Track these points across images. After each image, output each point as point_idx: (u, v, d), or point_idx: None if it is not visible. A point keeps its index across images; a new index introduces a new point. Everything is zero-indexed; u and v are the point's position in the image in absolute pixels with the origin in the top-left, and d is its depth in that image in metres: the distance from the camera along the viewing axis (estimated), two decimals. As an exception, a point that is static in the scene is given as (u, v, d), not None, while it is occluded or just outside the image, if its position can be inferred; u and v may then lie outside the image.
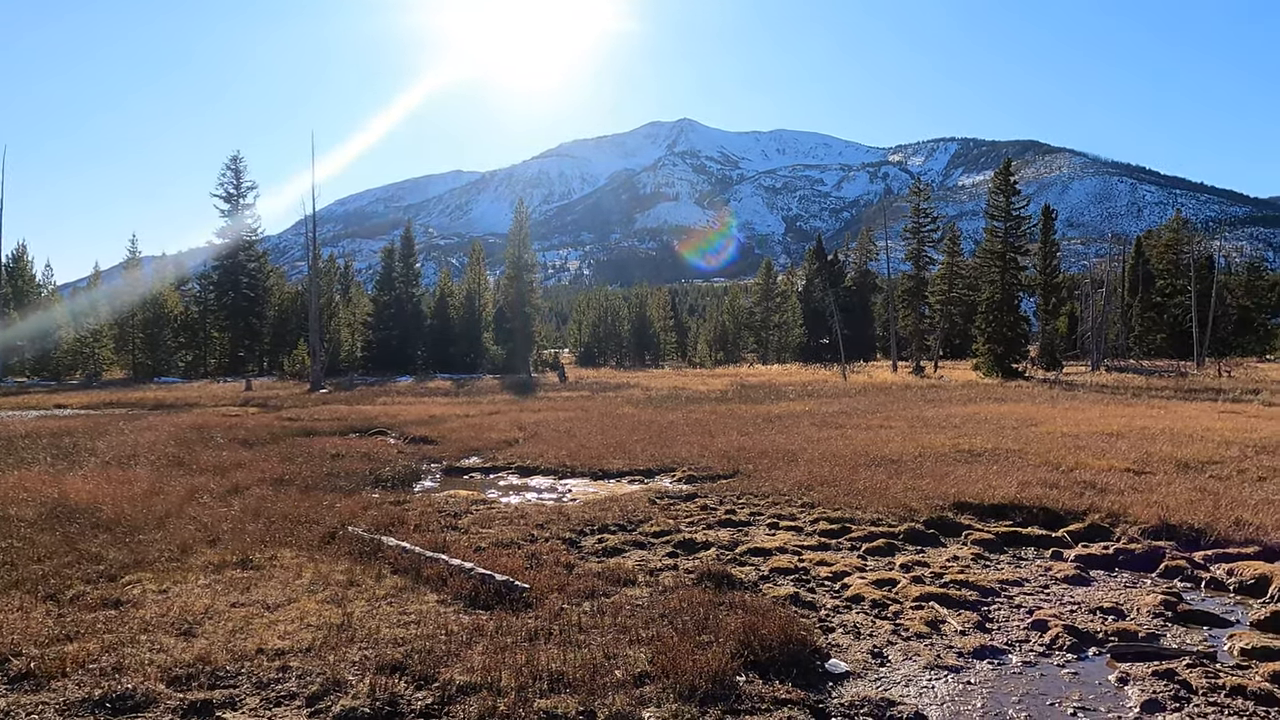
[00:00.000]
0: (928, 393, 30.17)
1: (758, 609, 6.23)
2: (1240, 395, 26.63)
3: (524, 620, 6.17)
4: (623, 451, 15.50)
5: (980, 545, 8.89)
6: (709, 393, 32.59)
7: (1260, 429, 16.60)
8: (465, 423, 21.20)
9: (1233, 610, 6.92)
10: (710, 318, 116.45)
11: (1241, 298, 69.58)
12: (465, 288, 65.74)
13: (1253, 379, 37.75)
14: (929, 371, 48.97)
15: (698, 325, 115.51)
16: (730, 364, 75.43)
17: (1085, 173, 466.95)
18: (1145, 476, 11.45)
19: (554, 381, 47.36)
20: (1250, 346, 68.66)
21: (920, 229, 54.49)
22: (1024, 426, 17.72)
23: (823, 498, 10.71)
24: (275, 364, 61.23)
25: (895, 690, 5.24)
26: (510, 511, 10.40)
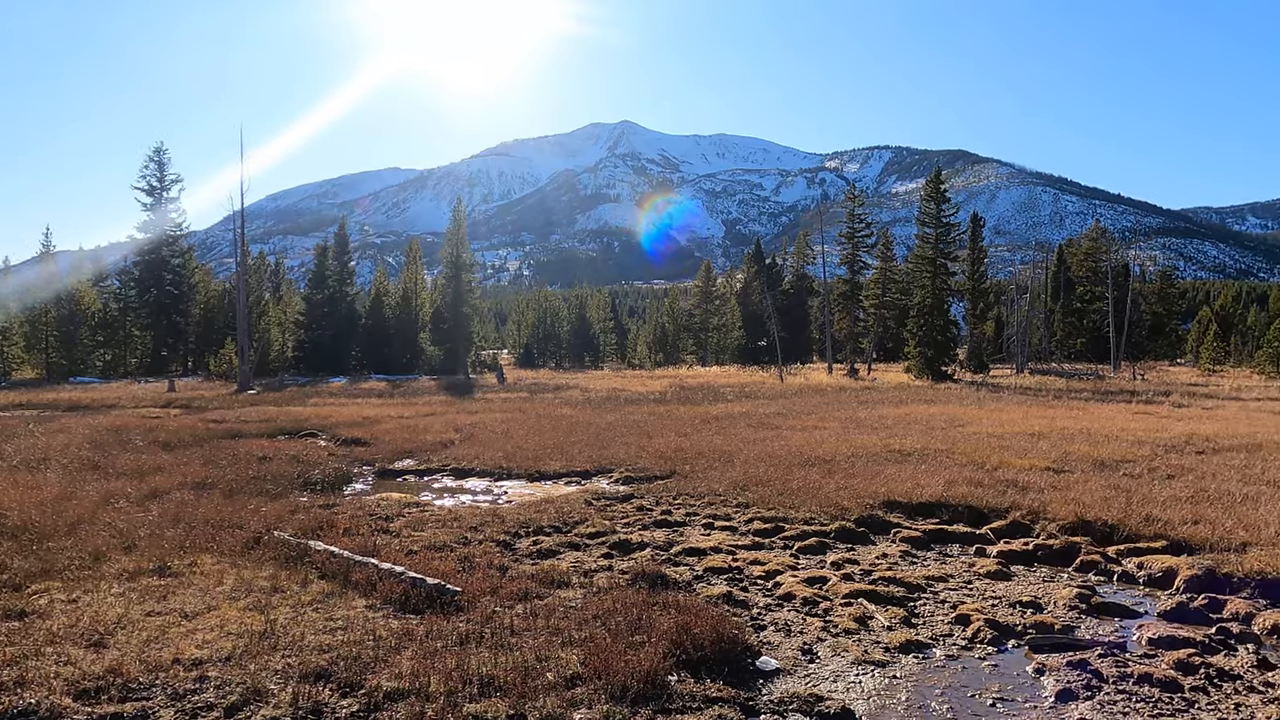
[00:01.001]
0: (861, 394, 30.82)
1: (691, 609, 6.26)
2: (1152, 397, 27.92)
3: (455, 624, 6.08)
4: (560, 453, 15.42)
5: (909, 543, 9.12)
6: (648, 394, 32.67)
7: (1170, 429, 17.42)
8: (400, 424, 20.80)
9: (1142, 602, 7.25)
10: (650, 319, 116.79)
11: (1154, 304, 72.99)
12: (402, 287, 64.51)
13: (1164, 382, 39.67)
14: (863, 374, 50.05)
15: (638, 327, 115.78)
16: (670, 365, 75.78)
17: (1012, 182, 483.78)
18: (1064, 475, 11.90)
19: (492, 383, 46.85)
20: (1162, 351, 72.10)
21: (855, 234, 55.67)
22: (952, 427, 18.24)
23: (758, 498, 10.84)
24: (201, 364, 59.09)
25: (824, 686, 5.33)
26: (444, 514, 10.24)
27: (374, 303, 61.54)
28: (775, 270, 78.79)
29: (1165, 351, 72.42)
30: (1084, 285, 69.66)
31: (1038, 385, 36.35)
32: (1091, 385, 36.64)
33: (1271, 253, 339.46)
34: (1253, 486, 10.75)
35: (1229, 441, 15.20)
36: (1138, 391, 30.82)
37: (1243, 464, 12.61)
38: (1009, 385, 36.83)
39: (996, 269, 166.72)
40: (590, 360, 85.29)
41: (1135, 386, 34.77)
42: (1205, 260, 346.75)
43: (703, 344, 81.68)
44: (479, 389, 39.87)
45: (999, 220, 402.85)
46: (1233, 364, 58.83)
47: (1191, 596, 7.09)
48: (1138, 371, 50.67)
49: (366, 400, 30.27)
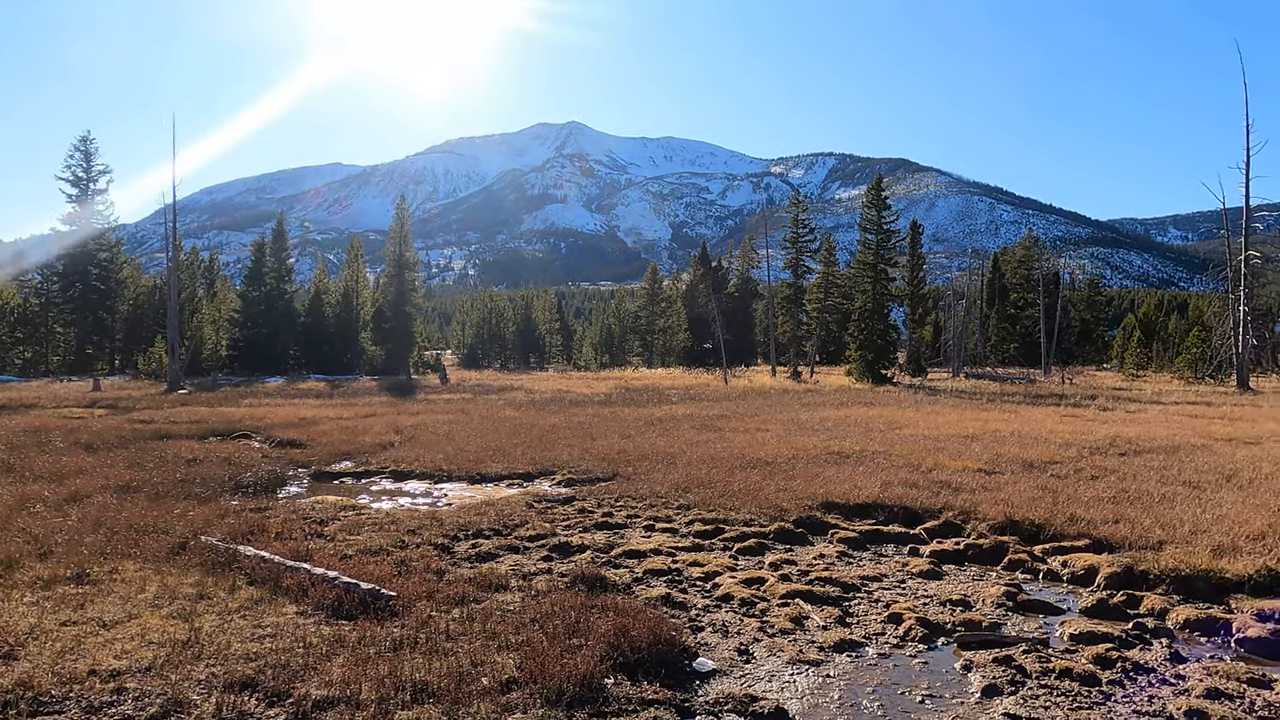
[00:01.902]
0: (804, 397, 31.27)
1: (629, 611, 6.26)
2: (1080, 401, 28.95)
3: (389, 629, 5.97)
4: (502, 455, 15.29)
5: (845, 543, 9.27)
6: (593, 396, 32.62)
7: (1095, 431, 18.08)
8: (338, 425, 20.37)
9: (1065, 599, 7.50)
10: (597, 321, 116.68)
11: (1083, 311, 75.78)
12: (343, 285, 63.23)
13: (1091, 386, 41.19)
14: (805, 376, 50.81)
15: (584, 328, 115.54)
16: (616, 367, 75.81)
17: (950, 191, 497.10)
18: (995, 476, 12.25)
19: (435, 383, 46.21)
20: (1090, 356, 74.87)
21: (799, 239, 56.48)
22: (890, 429, 18.63)
23: (699, 499, 10.90)
24: (129, 363, 56.94)
25: (759, 686, 5.38)
26: (381, 517, 10.05)
27: (313, 301, 60.16)
28: (721, 273, 79.48)
29: (1093, 357, 75.20)
30: (1017, 292, 71.94)
31: (973, 389, 37.39)
32: (1023, 389, 37.84)
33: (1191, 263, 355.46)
34: (1170, 487, 11.22)
35: (1149, 444, 15.83)
36: (1066, 395, 31.93)
37: (1161, 465, 13.14)
38: (946, 389, 37.80)
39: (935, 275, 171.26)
40: (536, 361, 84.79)
41: (1064, 390, 36.02)
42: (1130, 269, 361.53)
43: (649, 346, 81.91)
44: (421, 390, 39.29)
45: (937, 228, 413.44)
46: (1155, 369, 61.40)
47: (1111, 593, 7.37)
48: (1067, 376, 52.50)
49: (304, 401, 29.56)
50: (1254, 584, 7.24)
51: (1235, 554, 7.80)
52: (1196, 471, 12.45)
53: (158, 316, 55.96)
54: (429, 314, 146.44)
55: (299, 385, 41.36)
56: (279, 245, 58.91)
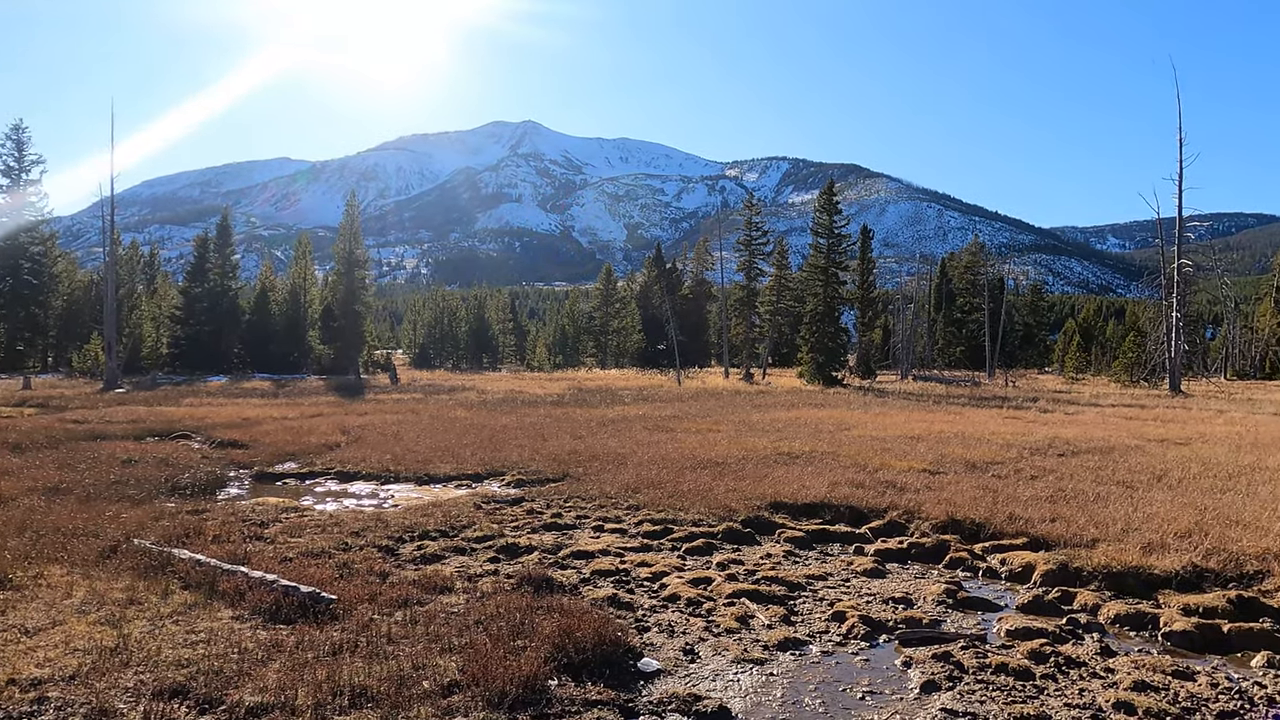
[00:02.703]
0: (755, 398, 31.55)
1: (575, 612, 6.23)
2: (1022, 403, 29.73)
3: (329, 633, 5.85)
4: (451, 455, 15.11)
5: (792, 542, 9.37)
6: (546, 396, 32.45)
7: (1035, 433, 18.57)
8: (282, 425, 19.92)
9: (1003, 595, 7.68)
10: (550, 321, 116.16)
11: (1026, 316, 77.93)
12: (290, 282, 61.86)
13: (1033, 388, 42.34)
14: (758, 378, 51.26)
15: (537, 329, 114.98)
16: (569, 368, 75.55)
17: (900, 197, 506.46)
18: (939, 476, 12.49)
19: (385, 383, 45.50)
20: (1032, 360, 77.00)
21: (752, 242, 56.97)
22: (839, 430, 18.89)
23: (648, 500, 10.91)
24: (63, 360, 54.91)
25: (703, 685, 5.39)
26: (324, 519, 9.84)
27: (259, 298, 58.76)
28: (675, 275, 79.79)
29: (1035, 360, 77.33)
30: (964, 297, 73.64)
31: (920, 391, 38.15)
32: (968, 391, 38.73)
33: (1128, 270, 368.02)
34: (1104, 486, 11.57)
35: (1086, 445, 16.31)
36: (1009, 398, 32.76)
37: (1097, 465, 13.55)
38: (894, 391, 38.50)
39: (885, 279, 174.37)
40: (488, 362, 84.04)
41: (1007, 393, 36.96)
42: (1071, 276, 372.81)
43: (603, 347, 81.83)
44: (370, 390, 38.64)
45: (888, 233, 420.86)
46: (1093, 372, 63.37)
47: (1047, 590, 7.57)
48: (1010, 379, 53.88)
49: (248, 400, 28.85)
50: (1181, 580, 7.51)
51: (1164, 551, 8.07)
52: (1130, 471, 12.85)
53: (94, 312, 54.07)
54: (380, 313, 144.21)
55: (243, 384, 40.35)
56: (223, 240, 57.38)
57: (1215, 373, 61.25)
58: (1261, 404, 30.37)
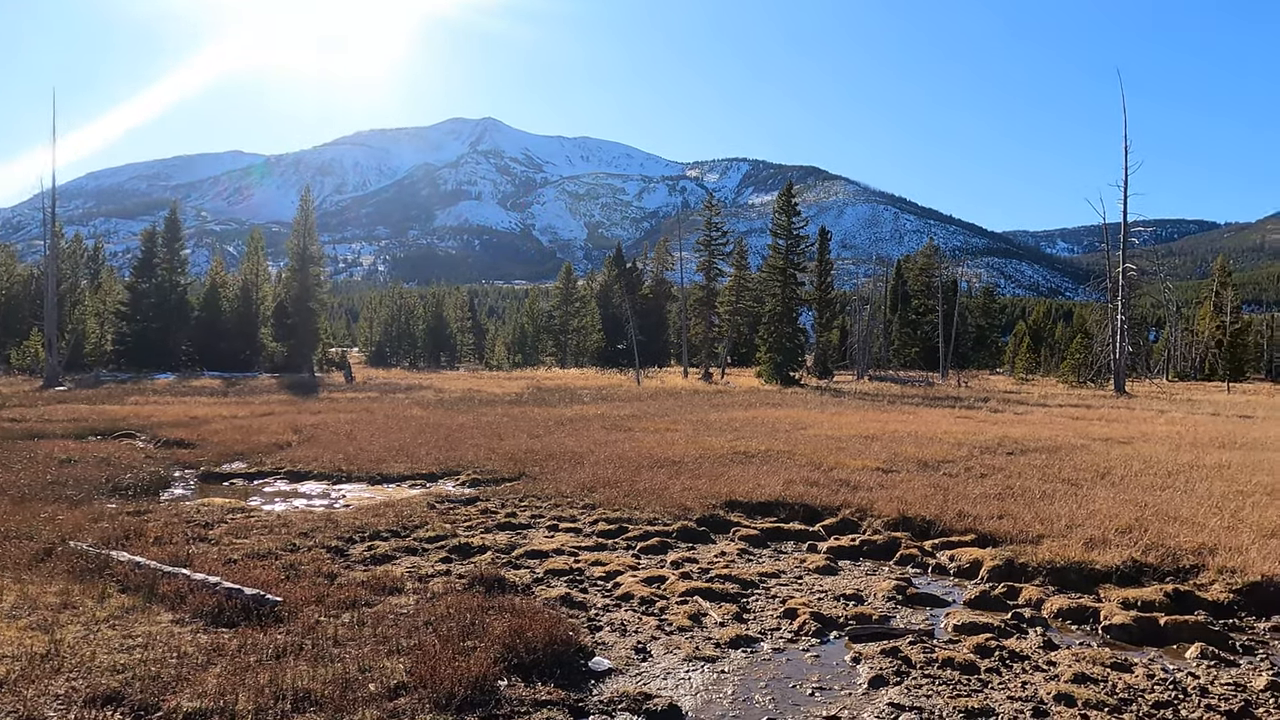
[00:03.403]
0: (714, 398, 31.70)
1: (526, 611, 6.18)
2: (973, 403, 30.32)
3: (273, 636, 5.71)
4: (406, 455, 14.91)
5: (747, 541, 9.41)
6: (504, 395, 32.22)
7: (986, 432, 18.94)
8: (232, 424, 19.46)
9: (951, 591, 7.81)
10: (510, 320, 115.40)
11: (979, 318, 79.56)
12: (241, 278, 60.48)
13: (984, 389, 43.21)
14: (717, 378, 51.51)
15: (496, 327, 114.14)
16: (529, 367, 75.11)
17: (858, 200, 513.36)
18: (892, 474, 12.67)
19: (340, 382, 44.75)
20: (984, 361, 78.62)
21: (712, 242, 57.22)
22: (795, 430, 19.05)
23: (604, 499, 10.88)
24: (1, 356, 53.01)
25: (654, 684, 5.39)
26: (272, 520, 9.63)
27: (209, 294, 57.35)
28: (636, 274, 79.84)
29: (987, 361, 78.97)
30: (919, 299, 74.91)
31: (876, 391, 38.69)
32: (922, 391, 39.38)
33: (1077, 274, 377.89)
34: (1050, 484, 11.84)
35: (1034, 443, 16.68)
36: (961, 398, 33.39)
37: (1044, 464, 13.86)
38: (850, 391, 38.99)
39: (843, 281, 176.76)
40: (447, 361, 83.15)
41: (960, 393, 37.67)
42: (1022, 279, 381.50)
43: (562, 346, 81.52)
44: (324, 388, 37.97)
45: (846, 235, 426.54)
46: (1042, 373, 64.91)
47: (993, 585, 7.72)
48: (962, 379, 54.93)
49: (196, 399, 28.15)
50: (1120, 574, 7.71)
51: (1105, 546, 8.28)
52: (1075, 469, 13.18)
53: (34, 308, 52.27)
54: (335, 310, 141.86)
55: (191, 383, 39.36)
56: (172, 235, 55.88)
57: (1158, 374, 63.21)
58: (1201, 404, 31.40)
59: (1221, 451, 15.53)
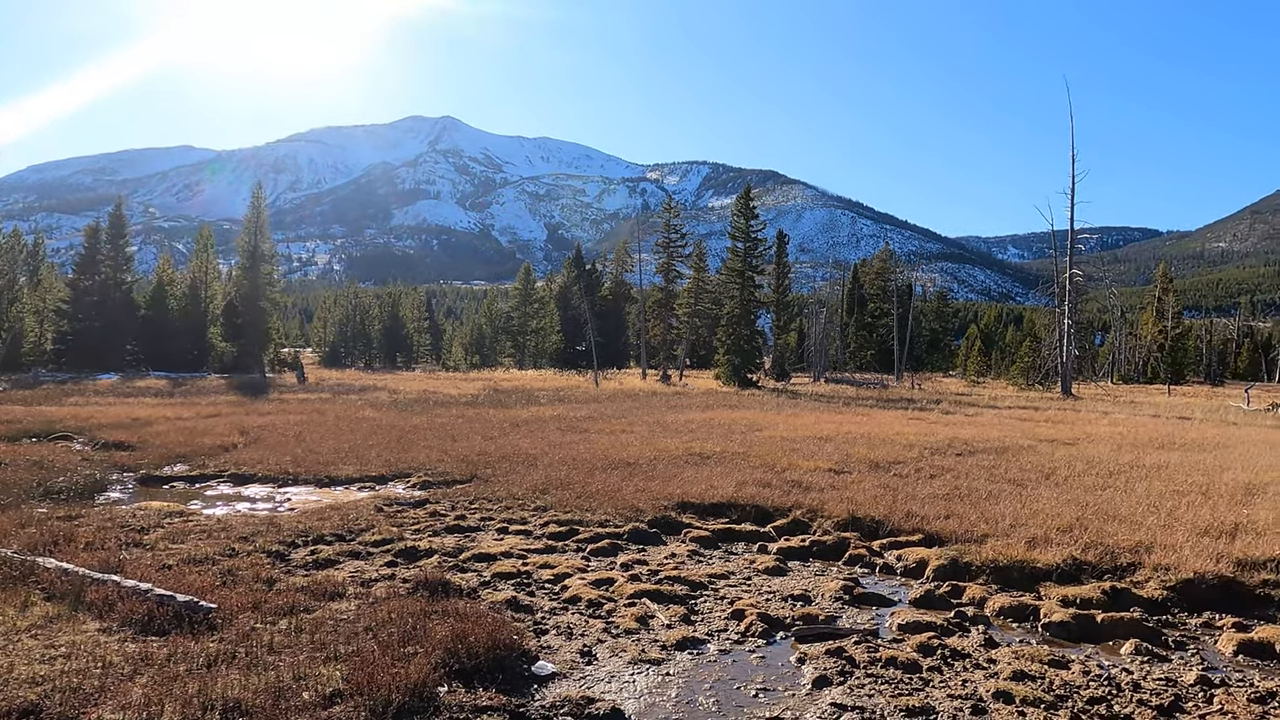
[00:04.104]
0: (672, 399, 31.73)
1: (470, 615, 6.08)
2: (926, 405, 30.81)
3: (205, 644, 5.53)
4: (355, 457, 14.63)
5: (698, 542, 9.41)
6: (460, 396, 31.86)
7: (937, 433, 19.24)
8: (176, 426, 18.92)
9: (898, 591, 7.89)
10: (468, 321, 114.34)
11: (932, 322, 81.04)
12: (190, 276, 58.97)
13: (937, 391, 43.97)
14: (675, 380, 51.61)
15: (454, 328, 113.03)
16: (486, 368, 74.45)
17: (816, 204, 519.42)
18: (843, 475, 12.78)
19: (292, 382, 43.86)
20: (938, 363, 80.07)
21: (671, 244, 57.34)
22: (751, 431, 19.14)
23: (556, 500, 10.79)
24: (-67, 356, 50.89)
25: (598, 687, 5.33)
26: (212, 524, 9.36)
27: (156, 292, 55.81)
28: (595, 276, 79.66)
29: (940, 364, 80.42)
30: (874, 302, 75.98)
31: (831, 393, 39.11)
32: (877, 393, 39.90)
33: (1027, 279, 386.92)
34: (997, 484, 12.06)
35: (983, 445, 16.98)
36: (914, 400, 33.91)
37: (991, 465, 14.12)
38: (807, 393, 39.36)
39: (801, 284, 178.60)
40: (403, 361, 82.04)
41: (913, 395, 38.25)
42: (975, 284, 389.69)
43: (521, 347, 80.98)
44: (275, 389, 37.17)
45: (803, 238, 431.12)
46: (993, 376, 66.32)
47: (938, 584, 7.81)
48: (916, 381, 55.81)
49: (140, 400, 27.33)
50: (1061, 572, 7.86)
51: (1047, 545, 8.44)
52: (1021, 470, 13.44)
53: (-31, 305, 50.32)
54: (288, 310, 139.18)
55: (136, 383, 38.24)
56: (117, 230, 54.25)
57: (1103, 377, 65.02)
58: (1143, 406, 32.34)
59: (1160, 452, 15.98)
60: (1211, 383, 69.40)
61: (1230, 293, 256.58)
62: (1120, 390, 50.72)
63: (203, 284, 57.30)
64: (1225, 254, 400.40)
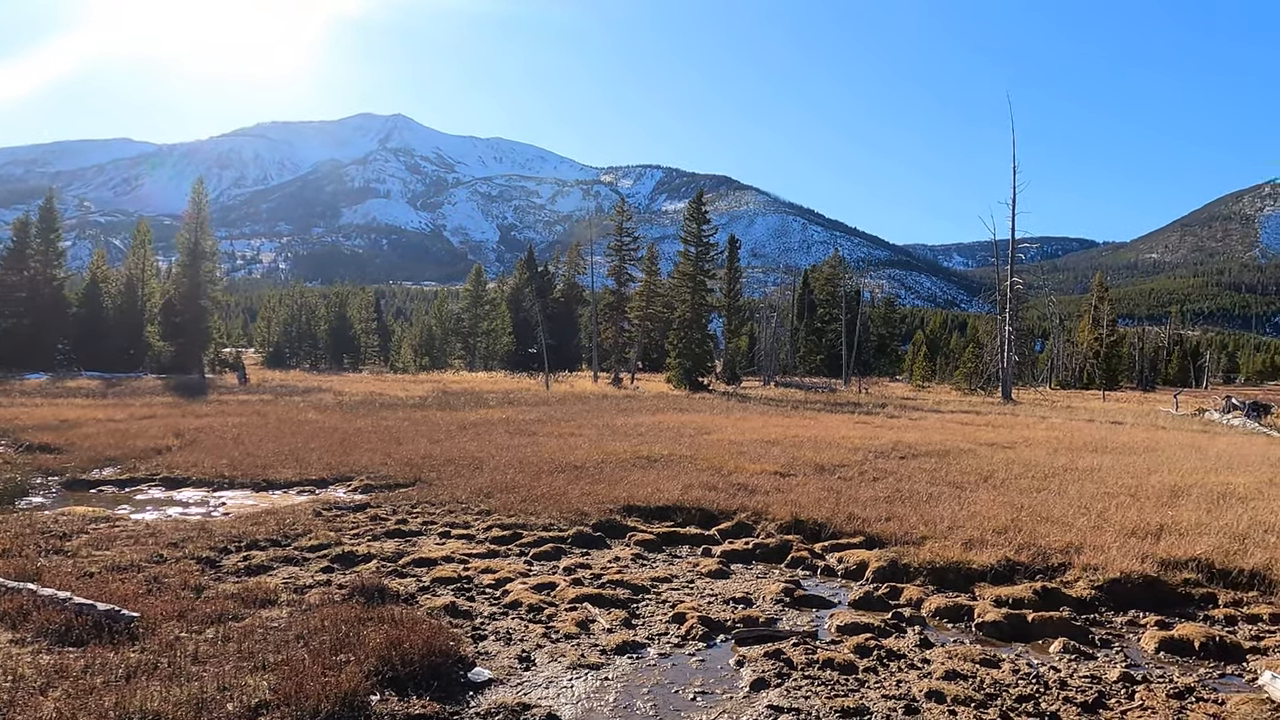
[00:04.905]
0: (622, 402, 31.71)
1: (406, 622, 5.96)
2: (872, 409, 31.34)
3: (125, 655, 5.32)
4: (296, 460, 14.28)
5: (642, 545, 9.39)
6: (408, 399, 31.38)
7: (882, 436, 19.56)
8: (107, 428, 18.26)
9: (838, 593, 7.98)
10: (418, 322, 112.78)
11: (880, 327, 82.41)
12: (126, 273, 57.00)
13: (883, 395, 44.78)
14: (627, 383, 51.62)
15: (403, 329, 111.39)
16: (436, 370, 73.46)
17: (768, 210, 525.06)
18: (789, 478, 12.90)
19: (233, 383, 42.70)
20: (885, 368, 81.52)
21: (624, 248, 57.37)
22: (699, 434, 19.22)
23: (501, 504, 10.67)
24: None
25: (535, 694, 5.27)
26: (140, 530, 9.03)
27: (89, 289, 53.85)
28: (548, 278, 79.30)
29: (887, 369, 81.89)
30: (824, 307, 77.02)
31: (780, 396, 39.53)
32: (825, 397, 40.46)
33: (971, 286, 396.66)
34: (937, 487, 12.30)
35: (925, 448, 17.31)
36: (861, 404, 34.47)
37: (933, 467, 14.40)
38: (756, 396, 39.71)
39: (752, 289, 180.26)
40: (350, 363, 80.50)
41: (860, 399, 38.89)
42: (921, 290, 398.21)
43: (471, 349, 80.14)
44: (215, 390, 36.15)
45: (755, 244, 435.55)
46: (938, 381, 67.85)
47: (877, 586, 7.93)
48: (863, 386, 56.75)
49: (70, 401, 26.32)
50: (995, 573, 8.04)
51: (982, 546, 8.62)
52: (960, 473, 13.73)
53: (-114, 300, 47.92)
54: (231, 309, 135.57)
55: (67, 383, 36.81)
56: (47, 225, 52.18)
57: (1042, 382, 66.98)
58: (1078, 411, 33.38)
59: (1093, 455, 16.49)
60: (1143, 389, 71.99)
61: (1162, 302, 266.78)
62: (1058, 395, 52.29)
63: (140, 281, 55.44)
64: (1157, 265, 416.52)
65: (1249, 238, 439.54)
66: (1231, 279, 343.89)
